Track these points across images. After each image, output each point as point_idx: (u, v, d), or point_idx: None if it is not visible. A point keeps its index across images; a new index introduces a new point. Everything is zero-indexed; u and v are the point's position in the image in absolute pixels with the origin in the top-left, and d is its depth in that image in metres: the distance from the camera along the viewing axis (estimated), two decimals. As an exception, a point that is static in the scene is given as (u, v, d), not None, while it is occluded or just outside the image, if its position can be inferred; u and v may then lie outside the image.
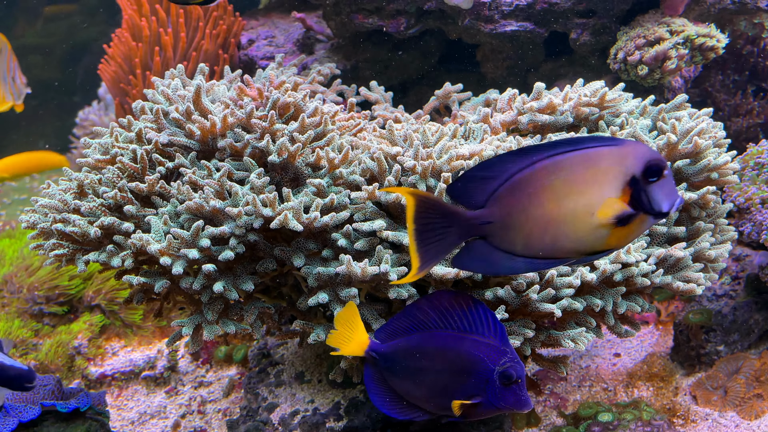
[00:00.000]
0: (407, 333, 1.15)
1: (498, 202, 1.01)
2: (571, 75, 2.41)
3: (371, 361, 1.18)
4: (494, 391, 1.10)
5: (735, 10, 2.33)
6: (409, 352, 1.14)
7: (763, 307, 1.86)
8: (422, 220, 1.04)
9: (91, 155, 1.48)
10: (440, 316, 1.15)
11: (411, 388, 1.16)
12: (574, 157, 0.99)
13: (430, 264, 1.05)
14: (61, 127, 4.04)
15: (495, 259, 1.04)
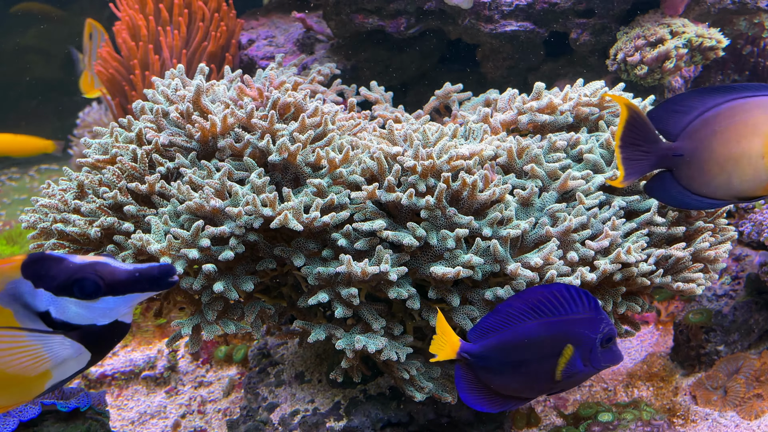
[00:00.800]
0: (500, 330, 1.18)
1: (689, 137, 1.10)
2: (571, 75, 2.41)
3: (463, 362, 1.20)
4: (596, 357, 1.17)
5: (735, 10, 2.33)
6: (507, 347, 1.17)
7: (763, 307, 1.86)
8: (629, 138, 1.13)
9: (91, 155, 1.48)
10: (533, 308, 1.18)
11: (510, 380, 1.19)
12: (756, 101, 1.06)
13: (631, 178, 1.16)
14: (61, 127, 4.04)
15: (674, 193, 1.14)
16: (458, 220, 1.31)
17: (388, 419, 1.49)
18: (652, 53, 2.03)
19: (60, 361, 0.92)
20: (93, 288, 0.90)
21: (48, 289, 0.90)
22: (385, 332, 1.36)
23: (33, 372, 0.92)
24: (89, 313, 0.91)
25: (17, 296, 0.90)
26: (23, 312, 0.90)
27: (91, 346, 0.93)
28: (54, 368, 0.93)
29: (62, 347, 0.92)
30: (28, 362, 0.91)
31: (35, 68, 4.50)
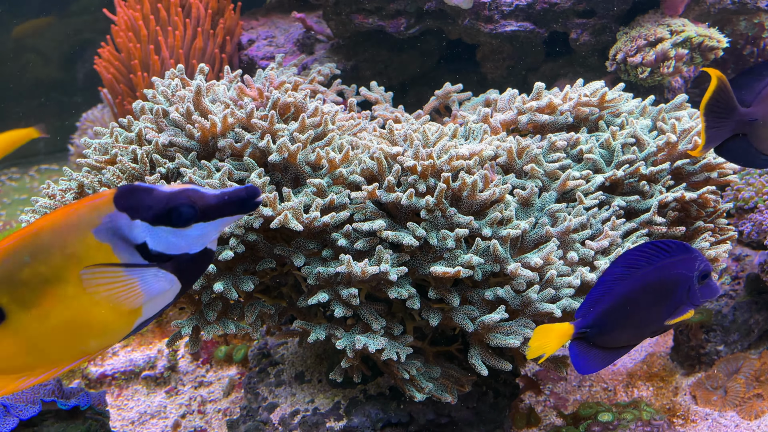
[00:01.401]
0: (605, 296, 1.23)
1: (763, 101, 1.16)
2: (571, 75, 2.41)
3: (578, 338, 1.25)
4: (695, 293, 1.21)
5: (735, 10, 2.33)
6: (617, 306, 1.22)
7: (763, 307, 1.86)
8: (713, 106, 1.18)
9: (91, 155, 1.48)
10: (629, 266, 1.23)
11: (620, 335, 1.26)
12: None
13: (710, 146, 1.20)
14: (61, 127, 4.04)
15: (749, 155, 1.21)
16: (458, 220, 1.31)
17: (388, 419, 1.49)
18: (651, 54, 2.03)
19: (153, 295, 0.91)
20: (189, 215, 0.88)
21: (144, 219, 0.88)
22: (385, 332, 1.36)
23: (127, 308, 0.90)
24: (183, 242, 0.90)
25: (115, 230, 0.88)
26: (122, 245, 0.88)
27: (183, 276, 0.92)
28: (146, 303, 0.92)
29: (156, 280, 0.90)
30: (124, 298, 0.90)
31: (35, 68, 4.50)
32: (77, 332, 0.91)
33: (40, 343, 0.91)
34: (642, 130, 1.51)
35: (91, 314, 0.89)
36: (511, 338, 1.30)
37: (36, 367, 0.93)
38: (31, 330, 0.90)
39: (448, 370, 1.46)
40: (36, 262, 0.88)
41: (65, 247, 0.87)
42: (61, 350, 0.92)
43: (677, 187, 1.47)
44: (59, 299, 0.88)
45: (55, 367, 0.92)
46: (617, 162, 1.46)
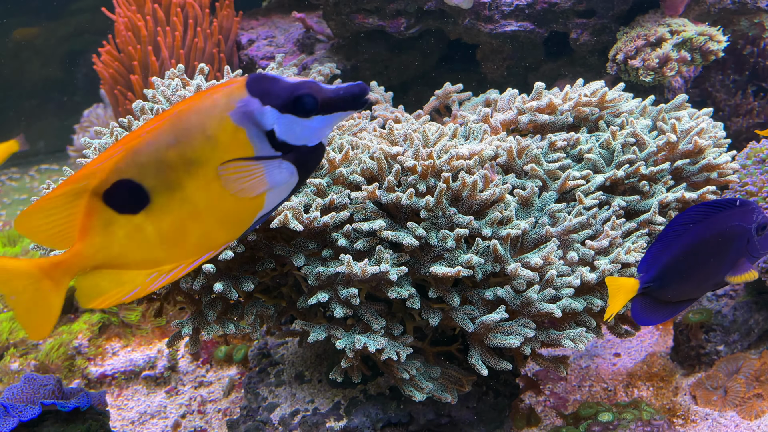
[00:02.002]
0: (666, 251, 1.27)
1: None
2: (571, 75, 2.41)
3: (642, 292, 1.28)
4: (753, 245, 1.25)
5: (735, 10, 2.33)
6: (678, 260, 1.26)
7: (763, 307, 1.86)
8: None
9: (91, 156, 1.48)
10: (688, 222, 1.26)
11: (682, 289, 1.29)
12: None
13: None
14: (61, 127, 4.04)
15: None
16: (458, 220, 1.31)
17: (388, 419, 1.49)
18: (653, 59, 2.03)
19: (274, 185, 0.94)
20: (311, 104, 0.91)
21: (274, 106, 0.91)
22: (385, 332, 1.36)
23: (253, 199, 0.93)
24: (305, 133, 0.93)
25: (249, 114, 0.90)
26: (254, 130, 0.91)
27: (301, 168, 0.95)
28: (268, 194, 0.95)
29: (280, 171, 0.93)
30: (252, 188, 0.92)
31: (35, 68, 4.50)
32: (211, 220, 0.93)
33: (177, 230, 0.93)
34: (642, 130, 1.51)
35: (222, 203, 0.92)
36: (511, 338, 1.30)
37: (165, 262, 0.95)
38: (172, 215, 0.92)
39: (448, 370, 1.46)
40: (180, 144, 0.90)
41: (205, 129, 0.90)
42: (193, 241, 0.94)
43: (677, 187, 1.47)
44: (199, 182, 0.91)
45: (183, 263, 0.95)
46: (617, 162, 1.46)
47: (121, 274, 0.95)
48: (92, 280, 0.95)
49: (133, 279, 0.95)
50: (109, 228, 0.93)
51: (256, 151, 0.92)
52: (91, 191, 0.91)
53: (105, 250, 0.93)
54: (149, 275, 0.95)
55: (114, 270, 0.95)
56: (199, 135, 0.90)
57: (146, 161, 0.90)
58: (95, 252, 0.93)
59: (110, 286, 0.95)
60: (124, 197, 0.91)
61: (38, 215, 0.92)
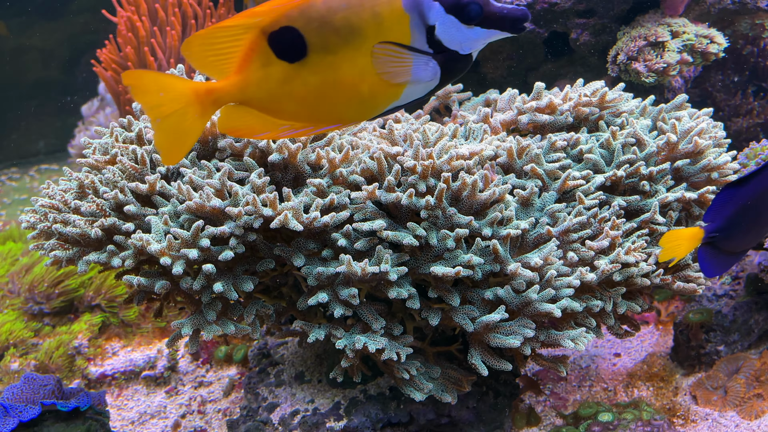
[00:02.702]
0: (729, 203, 1.30)
1: None
2: (571, 75, 2.41)
3: (708, 241, 1.30)
4: None
5: (735, 10, 2.33)
6: (741, 213, 1.29)
7: (763, 307, 1.86)
8: None
9: (91, 155, 1.48)
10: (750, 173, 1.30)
11: (745, 239, 1.32)
12: None
13: None
14: (61, 127, 4.04)
15: None
16: (458, 220, 1.31)
17: (388, 419, 1.49)
18: (656, 63, 2.03)
19: (416, 80, 0.99)
20: (476, 13, 0.96)
21: (442, 4, 0.96)
22: (385, 332, 1.36)
23: (394, 86, 0.98)
24: (461, 39, 0.97)
25: (418, 4, 0.95)
26: (417, 21, 0.96)
27: (445, 73, 1.00)
28: (407, 87, 1.00)
29: (426, 68, 0.98)
30: (397, 75, 0.98)
31: (35, 68, 4.50)
32: (349, 93, 1.00)
33: (318, 92, 0.99)
34: (642, 130, 1.51)
35: (365, 80, 0.98)
36: (511, 338, 1.30)
37: (298, 119, 1.02)
38: (319, 76, 0.98)
39: (448, 370, 1.46)
40: (349, 12, 0.95)
41: (375, 6, 0.96)
42: (328, 107, 1.01)
43: (677, 187, 1.47)
44: (353, 53, 0.97)
45: (312, 125, 1.02)
46: (617, 162, 1.46)
47: (260, 116, 1.02)
48: (235, 113, 1.03)
49: (268, 123, 1.03)
50: (266, 69, 0.99)
51: (413, 41, 0.97)
52: (260, 29, 0.97)
53: (256, 89, 1.00)
54: (282, 126, 1.03)
55: (254, 110, 1.02)
56: (369, 9, 0.95)
57: (315, 17, 0.96)
58: (247, 87, 1.00)
59: (247, 123, 1.03)
60: (287, 44, 0.97)
61: (207, 40, 0.99)
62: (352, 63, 0.97)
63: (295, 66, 0.98)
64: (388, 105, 1.02)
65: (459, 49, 0.98)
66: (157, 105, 0.99)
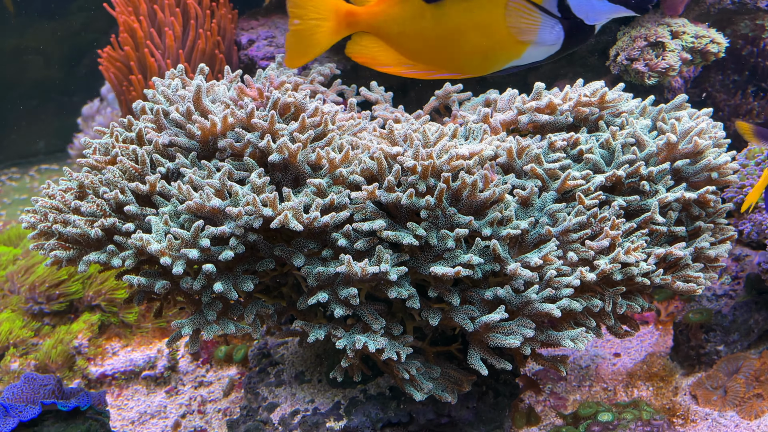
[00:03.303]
0: None
1: None
2: (571, 75, 2.41)
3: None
4: None
5: (735, 11, 2.33)
6: None
7: (763, 307, 1.86)
8: None
9: (91, 155, 1.48)
10: None
11: None
12: None
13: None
14: (61, 127, 4.04)
15: None
16: (458, 220, 1.31)
17: (388, 419, 1.49)
18: (659, 65, 2.03)
19: (540, 41, 1.05)
20: None
21: None
22: (385, 332, 1.36)
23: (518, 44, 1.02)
24: (589, 8, 1.00)
25: None
26: None
27: (568, 39, 1.04)
28: (529, 48, 1.06)
29: (551, 31, 1.04)
30: (523, 29, 1.01)
31: (35, 68, 4.50)
32: (476, 42, 1.04)
33: (447, 36, 1.03)
34: (642, 131, 1.51)
35: (494, 31, 1.02)
36: (511, 338, 1.31)
37: (423, 61, 1.08)
38: (452, 21, 1.03)
39: (448, 370, 1.46)
40: None
41: None
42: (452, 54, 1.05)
43: (677, 187, 1.47)
44: (489, 2, 1.01)
45: (435, 70, 1.05)
46: (617, 162, 1.46)
47: (387, 49, 1.08)
48: (365, 41, 1.11)
49: (392, 58, 1.09)
50: (404, 4, 1.04)
51: (545, 1, 1.00)
52: None
53: (391, 21, 1.05)
54: (405, 63, 1.09)
55: (383, 42, 1.08)
56: None
57: None
58: (383, 18, 1.05)
59: (373, 53, 1.09)
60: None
61: None
62: (486, 11, 1.00)
63: (432, 6, 1.03)
64: (508, 63, 1.07)
65: (585, 18, 1.01)
66: (302, 6, 1.07)
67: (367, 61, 1.14)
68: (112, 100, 3.37)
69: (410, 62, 1.08)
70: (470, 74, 1.08)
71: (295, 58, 1.15)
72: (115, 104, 3.33)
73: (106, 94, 3.45)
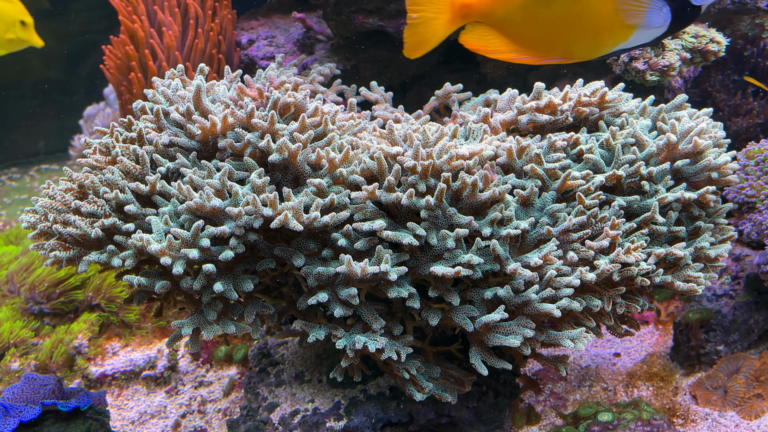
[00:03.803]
0: None
1: None
2: (571, 75, 2.41)
3: None
4: None
5: (735, 11, 2.33)
6: None
7: (763, 307, 1.86)
8: None
9: (91, 155, 1.48)
10: None
11: None
12: None
13: None
14: (61, 127, 4.04)
15: None
16: (458, 220, 1.31)
17: (388, 419, 1.49)
18: (657, 59, 2.04)
19: (647, 24, 1.05)
20: None
21: None
22: (385, 332, 1.36)
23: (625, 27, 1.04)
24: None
25: None
26: None
27: (675, 20, 1.06)
28: (637, 31, 1.07)
29: (659, 13, 1.05)
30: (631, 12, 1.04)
31: (35, 68, 4.50)
32: (584, 26, 1.08)
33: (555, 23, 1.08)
34: (642, 131, 1.51)
35: (603, 13, 1.05)
36: (511, 338, 1.31)
37: (533, 47, 1.13)
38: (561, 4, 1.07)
39: (448, 369, 1.46)
40: None
41: None
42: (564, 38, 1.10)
43: (677, 187, 1.47)
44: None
45: (542, 55, 1.12)
46: (617, 162, 1.46)
47: (498, 36, 1.15)
48: (478, 30, 1.17)
49: (503, 45, 1.14)
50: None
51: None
52: None
53: (502, 9, 1.11)
54: (515, 50, 1.14)
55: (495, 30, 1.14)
56: None
57: None
58: (495, 7, 1.11)
59: (486, 41, 1.16)
60: None
61: None
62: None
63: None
64: (616, 46, 1.11)
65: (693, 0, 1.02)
66: (419, 3, 1.15)
67: (480, 49, 1.22)
68: (112, 101, 3.38)
69: (520, 49, 1.13)
70: (579, 58, 1.14)
71: (414, 49, 1.24)
72: (115, 104, 3.33)
73: (108, 94, 3.46)
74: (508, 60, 1.19)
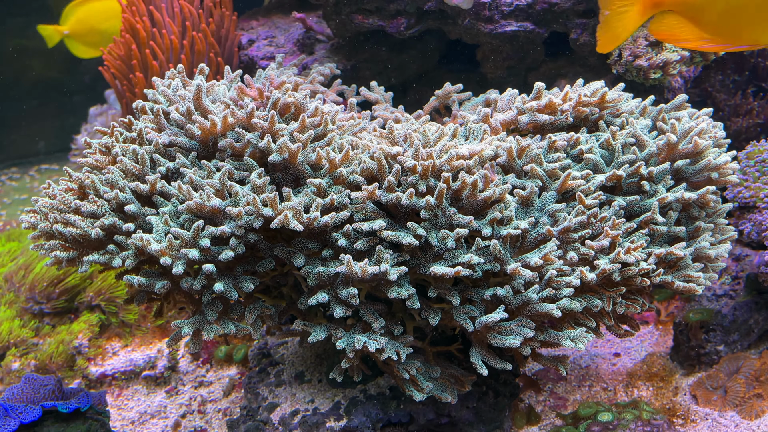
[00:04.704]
0: None
1: None
2: (571, 75, 2.41)
3: None
4: None
5: (735, 10, 2.33)
6: None
7: (763, 307, 1.86)
8: None
9: (92, 155, 1.48)
10: None
11: None
12: None
13: None
14: (61, 127, 4.04)
15: None
16: (458, 220, 1.31)
17: (388, 419, 1.49)
18: (656, 56, 2.04)
19: None
20: None
21: None
22: (385, 332, 1.36)
23: None
24: None
25: None
26: None
27: None
28: None
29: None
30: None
31: (35, 68, 4.49)
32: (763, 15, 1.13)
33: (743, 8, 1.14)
34: (642, 131, 1.51)
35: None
36: (511, 338, 1.31)
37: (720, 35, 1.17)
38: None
39: (448, 369, 1.46)
40: None
41: None
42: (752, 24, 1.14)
43: (677, 187, 1.47)
44: None
45: (731, 42, 1.18)
46: (617, 162, 1.46)
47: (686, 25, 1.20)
48: (666, 19, 1.22)
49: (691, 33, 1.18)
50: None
51: None
52: None
53: None
54: (704, 38, 1.19)
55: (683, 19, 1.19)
56: None
57: None
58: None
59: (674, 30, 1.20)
60: None
61: None
62: None
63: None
64: None
65: None
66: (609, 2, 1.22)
67: (668, 38, 1.27)
68: (113, 101, 3.38)
69: (708, 37, 1.17)
70: (761, 46, 1.17)
71: (607, 43, 1.31)
72: (116, 104, 3.34)
73: (108, 96, 3.46)
74: (695, 48, 1.25)
